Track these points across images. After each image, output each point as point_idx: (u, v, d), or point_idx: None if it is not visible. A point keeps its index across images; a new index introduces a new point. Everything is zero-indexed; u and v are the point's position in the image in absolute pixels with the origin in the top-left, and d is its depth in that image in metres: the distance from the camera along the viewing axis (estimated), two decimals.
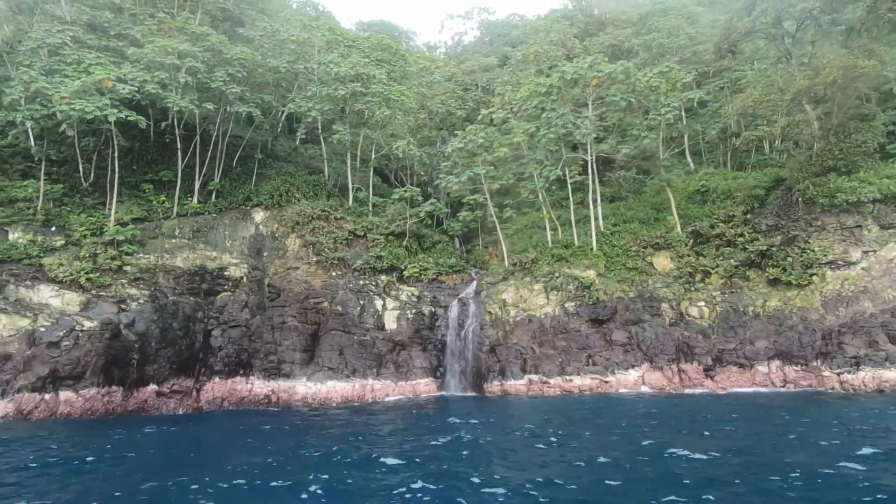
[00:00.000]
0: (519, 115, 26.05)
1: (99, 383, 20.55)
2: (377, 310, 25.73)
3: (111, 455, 13.90)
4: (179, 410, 24.29)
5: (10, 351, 19.08)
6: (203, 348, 26.51)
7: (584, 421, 16.15)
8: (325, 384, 22.39)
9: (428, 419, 17.65)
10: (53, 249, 25.87)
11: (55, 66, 26.68)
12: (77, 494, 10.94)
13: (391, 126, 32.08)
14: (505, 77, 39.23)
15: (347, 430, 16.32)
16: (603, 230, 27.55)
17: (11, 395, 18.02)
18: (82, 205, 28.77)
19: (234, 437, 16.92)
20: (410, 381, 22.75)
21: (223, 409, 24.83)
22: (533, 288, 24.92)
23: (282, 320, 25.66)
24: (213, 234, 30.05)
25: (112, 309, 23.34)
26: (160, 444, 16.28)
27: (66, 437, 15.92)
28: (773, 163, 31.16)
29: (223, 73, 28.33)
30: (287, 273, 28.39)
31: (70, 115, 23.69)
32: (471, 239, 35.35)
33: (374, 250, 29.02)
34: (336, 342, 23.81)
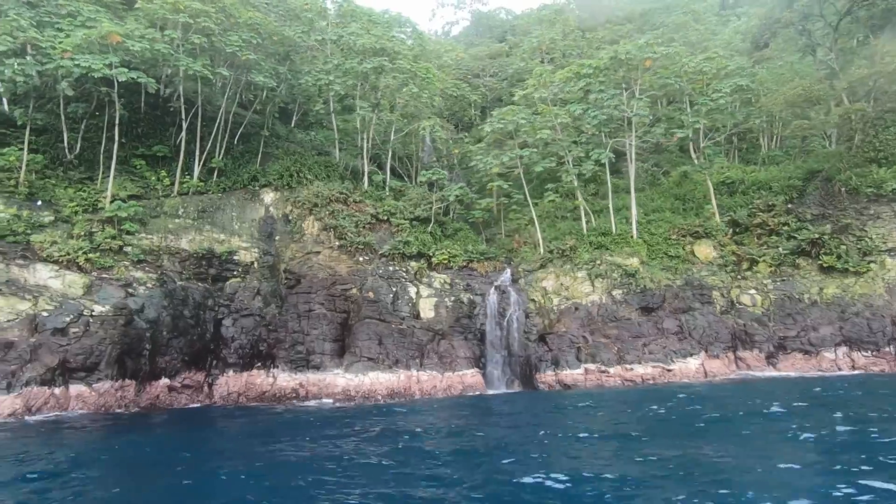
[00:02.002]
0: (558, 97, 25.10)
1: (113, 376, 18.00)
2: (411, 297, 24.14)
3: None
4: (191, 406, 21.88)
5: (10, 338, 16.27)
6: (214, 339, 24.04)
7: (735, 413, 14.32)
8: (366, 376, 20.61)
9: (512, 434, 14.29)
10: (41, 226, 22.69)
11: (45, 17, 23.43)
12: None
13: (412, 105, 30.37)
14: (519, 64, 38.28)
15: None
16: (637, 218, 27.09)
17: (19, 389, 15.28)
18: (67, 178, 25.57)
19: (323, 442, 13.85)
20: (457, 371, 21.33)
21: (239, 404, 22.56)
22: (576, 276, 24.05)
23: (308, 308, 23.62)
24: (220, 215, 27.47)
25: (119, 293, 20.64)
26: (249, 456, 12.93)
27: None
28: (782, 157, 31.79)
29: (237, 37, 25.80)
30: (307, 258, 26.25)
31: (72, 71, 20.71)
32: (487, 226, 34.17)
33: (399, 235, 27.34)
34: (373, 331, 22.07)
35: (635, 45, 22.70)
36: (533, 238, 28.25)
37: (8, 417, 14.83)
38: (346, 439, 13.53)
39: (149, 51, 22.24)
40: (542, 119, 24.84)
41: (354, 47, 27.54)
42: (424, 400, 20.10)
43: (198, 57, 24.66)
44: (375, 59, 27.09)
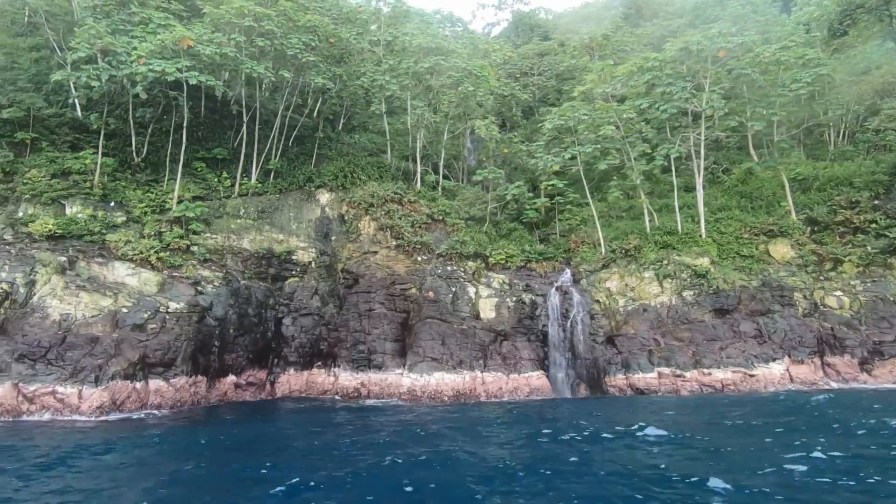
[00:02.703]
0: (619, 92, 24.31)
1: (187, 372, 18.32)
2: (470, 297, 23.75)
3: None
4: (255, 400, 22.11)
5: (95, 333, 16.75)
6: (275, 338, 24.32)
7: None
8: (431, 376, 20.32)
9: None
10: (115, 226, 23.52)
11: (119, 25, 24.31)
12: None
13: (464, 105, 30.08)
14: (569, 62, 37.49)
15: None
16: None
17: (105, 383, 15.67)
18: (135, 181, 26.43)
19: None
20: (522, 374, 20.79)
21: (299, 403, 22.64)
22: (642, 276, 23.15)
23: (368, 307, 23.56)
24: (278, 216, 27.87)
25: (189, 291, 21.07)
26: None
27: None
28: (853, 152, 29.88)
29: (296, 39, 26.13)
30: (364, 258, 26.27)
31: (147, 76, 21.36)
32: (539, 226, 33.50)
33: (455, 235, 27.05)
34: (436, 331, 21.78)
35: (706, 35, 21.72)
36: (591, 237, 27.42)
37: (96, 410, 15.22)
38: (488, 441, 13.09)
39: (217, 54, 22.72)
40: (604, 115, 24.09)
41: (410, 47, 27.48)
42: (494, 402, 19.63)
43: (260, 60, 25.08)
44: (431, 59, 26.94)
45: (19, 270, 17.82)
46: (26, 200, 22.51)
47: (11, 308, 16.95)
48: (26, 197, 22.52)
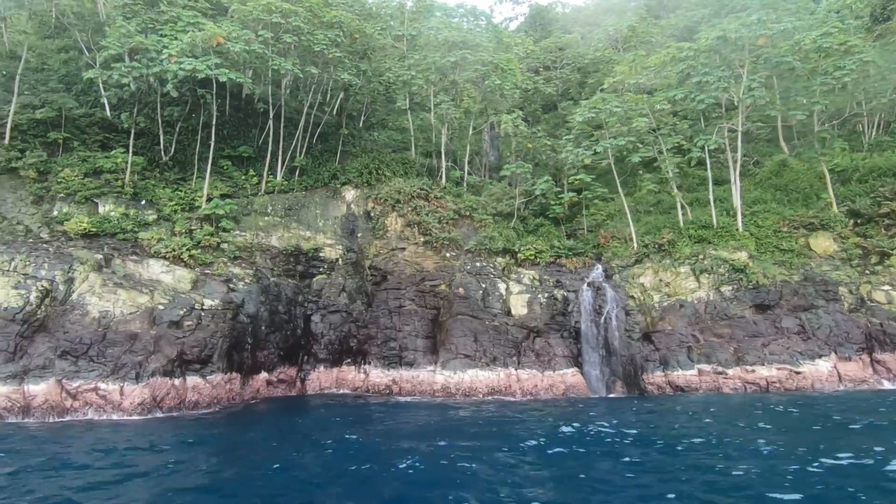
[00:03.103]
0: (653, 83, 23.74)
1: (223, 369, 18.31)
2: (501, 293, 23.44)
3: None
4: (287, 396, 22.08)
5: (134, 329, 16.81)
6: (305, 335, 24.29)
7: None
8: (465, 373, 20.08)
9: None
10: (146, 224, 23.68)
11: (148, 24, 24.43)
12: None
13: (488, 99, 29.72)
14: (593, 55, 36.88)
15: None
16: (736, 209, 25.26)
17: (146, 380, 15.71)
18: (164, 179, 26.59)
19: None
20: (557, 371, 20.45)
21: (329, 401, 22.57)
22: (678, 271, 22.61)
23: (398, 304, 23.40)
24: (305, 213, 27.85)
25: (222, 288, 21.08)
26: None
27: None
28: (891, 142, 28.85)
29: (322, 35, 26.01)
30: (392, 254, 26.11)
31: (177, 74, 21.40)
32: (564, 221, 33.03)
33: (483, 231, 26.76)
34: (468, 327, 21.52)
35: (744, 22, 21.07)
36: (621, 232, 26.92)
37: (137, 407, 15.26)
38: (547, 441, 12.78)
39: (246, 51, 22.69)
40: (636, 106, 23.57)
41: (435, 41, 27.20)
42: (529, 399, 19.33)
43: (287, 57, 25.01)
44: (457, 53, 26.63)
45: (58, 268, 17.96)
46: (61, 199, 22.75)
47: (52, 305, 17.09)
48: (61, 196, 22.75)
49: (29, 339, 16.13)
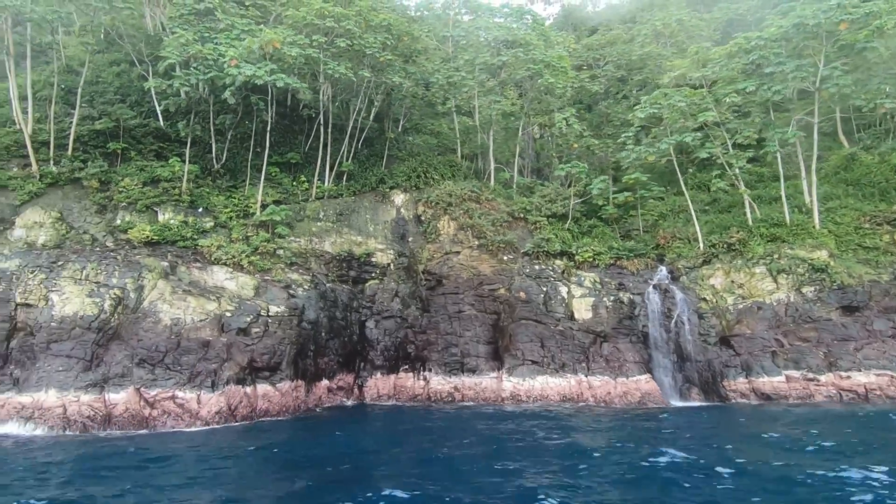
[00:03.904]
0: (720, 75, 22.73)
1: (291, 376, 18.02)
2: (563, 297, 22.66)
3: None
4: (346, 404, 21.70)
5: (205, 337, 16.67)
6: (360, 341, 23.93)
7: None
8: (534, 380, 19.37)
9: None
10: (204, 231, 23.73)
11: (204, 33, 24.61)
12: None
13: (539, 98, 29.06)
14: (640, 50, 35.85)
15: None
16: (809, 206, 23.97)
17: (221, 388, 15.52)
18: (216, 187, 26.70)
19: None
20: (630, 377, 19.55)
21: (389, 407, 22.12)
22: (752, 271, 21.47)
23: (458, 309, 22.85)
24: (356, 218, 27.60)
25: (282, 294, 20.88)
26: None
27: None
28: None
29: (372, 38, 25.81)
30: (446, 258, 25.61)
31: (236, 79, 21.42)
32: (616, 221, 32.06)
33: (539, 233, 26.06)
34: (533, 332, 20.82)
35: (822, 7, 19.93)
36: (683, 232, 25.87)
37: (215, 416, 15.05)
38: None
39: (301, 56, 22.61)
40: (701, 101, 22.58)
41: (486, 41, 26.71)
42: (603, 407, 18.47)
43: (342, 59, 24.85)
44: (509, 52, 26.08)
45: (128, 276, 18.00)
46: (122, 208, 22.99)
47: (124, 313, 17.10)
48: (122, 205, 23.00)
49: (104, 347, 16.13)
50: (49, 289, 17.41)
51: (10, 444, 13.21)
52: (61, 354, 15.65)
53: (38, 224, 20.46)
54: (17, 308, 17.26)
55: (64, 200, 22.44)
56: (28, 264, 18.30)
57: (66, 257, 18.75)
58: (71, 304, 16.64)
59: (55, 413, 14.17)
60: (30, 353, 16.08)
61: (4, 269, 18.16)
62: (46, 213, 21.02)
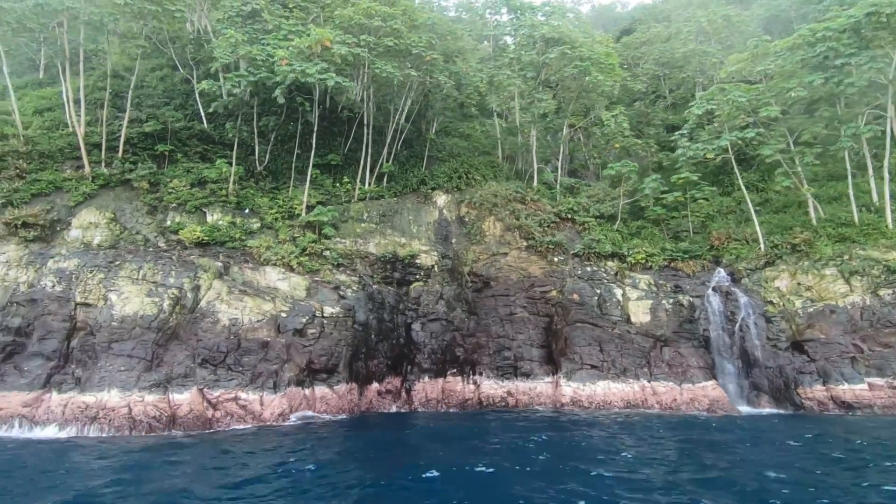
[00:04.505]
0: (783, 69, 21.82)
1: (347, 378, 17.64)
2: (618, 300, 21.89)
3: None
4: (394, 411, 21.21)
5: (263, 337, 16.42)
6: (407, 344, 23.46)
7: None
8: (595, 385, 18.66)
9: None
10: (252, 232, 23.64)
11: (252, 34, 24.68)
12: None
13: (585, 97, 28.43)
14: (684, 48, 34.93)
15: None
16: (878, 205, 22.79)
17: (283, 389, 15.22)
18: (259, 188, 26.67)
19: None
20: (697, 384, 18.69)
21: (439, 411, 21.58)
22: (822, 273, 20.41)
23: (509, 312, 22.27)
24: (399, 219, 27.26)
25: (333, 295, 20.59)
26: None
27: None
28: None
29: (416, 37, 25.54)
30: (493, 260, 25.05)
31: (287, 78, 21.31)
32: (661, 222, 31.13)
33: (588, 234, 25.35)
34: (590, 336, 20.11)
35: None
36: (739, 233, 24.89)
37: (278, 417, 14.73)
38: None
39: (351, 55, 22.43)
40: (763, 96, 21.69)
41: (530, 39, 26.22)
42: (674, 416, 17.61)
43: (388, 58, 24.64)
44: (556, 49, 25.53)
45: (184, 276, 17.90)
46: (172, 209, 23.03)
47: (181, 313, 16.96)
48: (172, 206, 23.04)
49: (163, 346, 15.99)
50: (108, 288, 17.39)
51: (93, 442, 12.95)
52: (123, 354, 15.54)
53: (94, 224, 20.56)
54: (77, 307, 17.26)
55: (116, 201, 22.58)
56: (86, 264, 18.34)
57: (123, 257, 18.75)
58: (131, 304, 16.55)
59: (121, 413, 14.02)
60: (91, 353, 16.02)
61: (63, 269, 18.23)
62: (101, 214, 21.13)
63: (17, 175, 21.67)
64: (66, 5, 20.90)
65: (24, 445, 13.30)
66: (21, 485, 10.15)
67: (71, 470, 11.04)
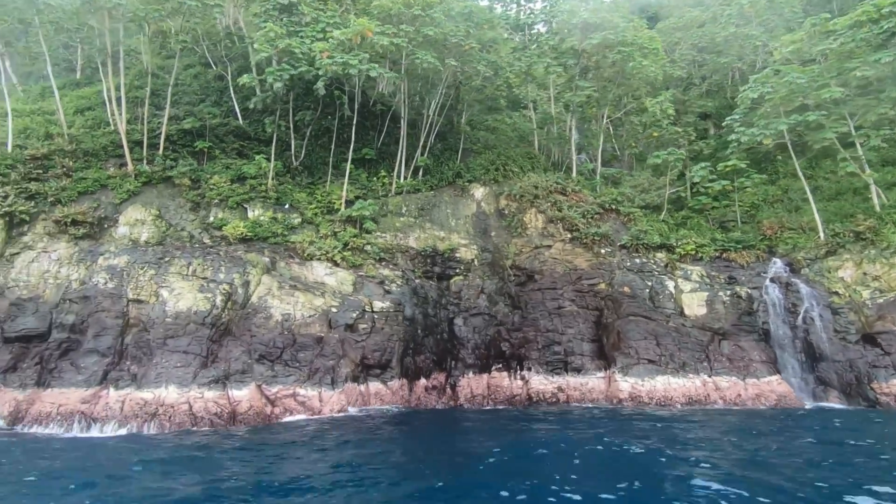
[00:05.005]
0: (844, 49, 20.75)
1: (399, 374, 17.30)
2: (671, 292, 21.15)
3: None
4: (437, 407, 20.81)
5: (317, 333, 16.16)
6: (450, 339, 23.04)
7: None
8: (653, 380, 18.00)
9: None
10: (293, 227, 23.47)
11: (290, 27, 24.44)
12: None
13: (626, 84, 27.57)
14: (725, 32, 33.73)
15: None
16: None
17: (341, 385, 14.95)
18: (296, 184, 26.49)
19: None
20: (761, 378, 17.92)
21: (485, 407, 21.12)
22: (891, 262, 19.42)
23: (557, 305, 21.69)
24: (437, 213, 26.82)
25: (378, 290, 20.28)
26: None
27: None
28: None
29: (452, 27, 24.99)
30: (536, 253, 24.47)
31: (330, 70, 20.99)
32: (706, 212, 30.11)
33: (634, 225, 24.60)
34: (645, 329, 19.44)
35: None
36: (794, 221, 23.90)
37: (338, 414, 14.47)
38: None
39: (392, 45, 22.02)
40: (824, 77, 20.66)
41: (573, 24, 25.47)
42: (742, 411, 16.86)
43: (427, 49, 24.16)
44: (598, 34, 24.74)
45: (234, 271, 17.75)
46: (215, 205, 22.97)
47: (233, 308, 16.79)
48: (214, 202, 22.98)
49: (217, 342, 15.84)
50: (159, 284, 17.32)
51: (154, 438, 12.78)
52: (178, 350, 15.43)
53: (140, 221, 20.57)
54: (129, 304, 17.23)
55: (159, 198, 22.59)
56: (136, 261, 18.32)
57: (171, 253, 18.69)
58: (184, 300, 16.44)
59: (181, 410, 13.88)
60: (146, 349, 15.96)
61: (114, 266, 18.23)
62: (147, 211, 21.14)
63: (63, 173, 21.81)
64: (113, 3, 20.86)
65: (86, 443, 13.26)
66: (103, 483, 9.97)
67: (145, 465, 10.89)
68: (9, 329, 16.86)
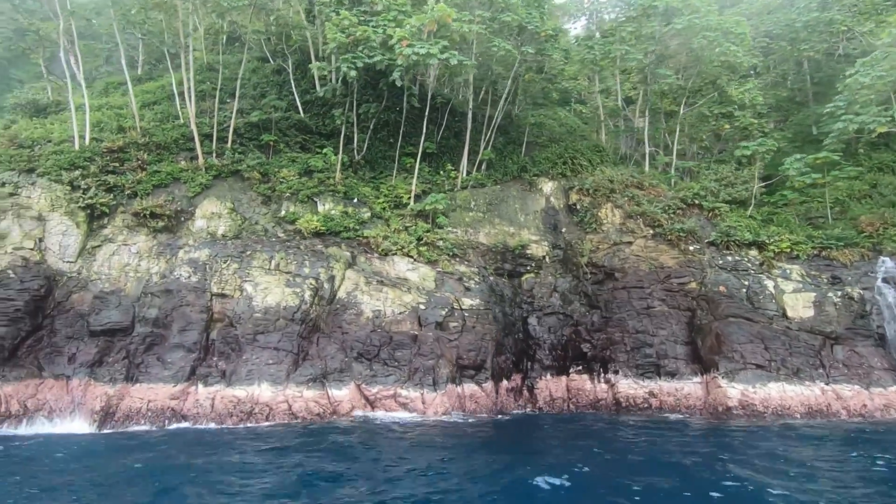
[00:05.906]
0: None
1: (492, 376, 16.38)
2: (771, 292, 19.66)
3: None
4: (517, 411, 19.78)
5: (410, 331, 15.39)
6: (525, 338, 22.03)
7: None
8: (766, 387, 16.62)
9: None
10: (363, 222, 22.80)
11: (360, 17, 23.79)
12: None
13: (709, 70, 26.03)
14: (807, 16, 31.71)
15: None
16: None
17: (443, 387, 14.14)
18: (360, 178, 25.84)
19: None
20: (888, 388, 16.35)
21: (566, 412, 20.03)
22: None
23: (645, 305, 20.43)
24: (505, 208, 25.81)
25: (458, 287, 19.42)
26: None
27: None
28: None
29: (525, 13, 23.93)
30: (615, 250, 23.21)
31: (409, 59, 20.22)
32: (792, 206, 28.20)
33: (721, 220, 23.11)
34: (749, 332, 18.05)
35: None
36: (892, 217, 22.06)
37: (442, 416, 13.65)
38: None
39: (471, 32, 21.12)
40: None
41: (652, 9, 24.11)
42: (870, 424, 15.34)
43: (502, 37, 23.19)
44: (683, 18, 23.32)
45: (318, 266, 17.15)
46: (286, 199, 22.49)
47: (320, 304, 16.15)
48: (286, 195, 22.50)
49: (307, 339, 15.22)
50: (242, 279, 16.84)
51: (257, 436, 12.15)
52: (269, 346, 14.87)
53: (216, 215, 20.20)
54: (213, 298, 16.79)
55: (231, 192, 22.23)
56: (217, 254, 17.90)
57: (251, 247, 18.22)
58: (272, 295, 15.90)
59: (280, 409, 13.27)
60: (234, 345, 15.45)
61: (196, 259, 17.85)
62: (221, 204, 20.78)
63: (138, 166, 21.64)
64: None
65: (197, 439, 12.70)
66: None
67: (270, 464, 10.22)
68: (94, 322, 16.61)
